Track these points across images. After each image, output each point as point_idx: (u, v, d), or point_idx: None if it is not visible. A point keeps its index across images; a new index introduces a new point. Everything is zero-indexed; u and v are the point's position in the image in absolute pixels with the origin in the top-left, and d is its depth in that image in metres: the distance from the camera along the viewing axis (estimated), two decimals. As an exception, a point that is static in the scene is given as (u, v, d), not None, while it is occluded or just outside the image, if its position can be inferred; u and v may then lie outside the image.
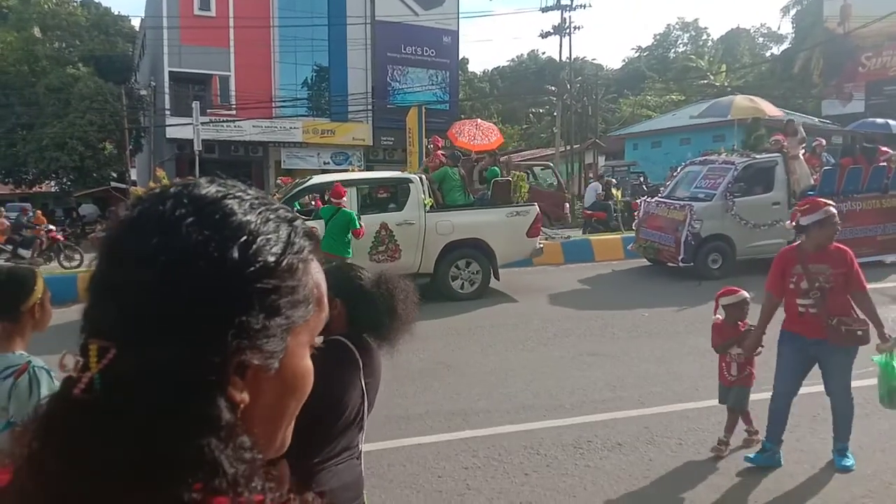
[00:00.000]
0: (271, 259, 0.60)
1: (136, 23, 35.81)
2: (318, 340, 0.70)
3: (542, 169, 20.38)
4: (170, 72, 26.23)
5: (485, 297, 9.82)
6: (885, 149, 12.42)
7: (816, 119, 31.32)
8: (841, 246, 4.38)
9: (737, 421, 4.64)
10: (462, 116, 41.59)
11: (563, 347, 7.18)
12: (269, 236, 0.61)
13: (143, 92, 28.33)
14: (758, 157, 11.37)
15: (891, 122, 18.42)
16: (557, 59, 29.92)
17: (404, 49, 29.50)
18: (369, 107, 28.57)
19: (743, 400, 4.59)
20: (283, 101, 27.61)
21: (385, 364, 2.22)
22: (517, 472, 4.29)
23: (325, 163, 27.55)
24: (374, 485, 3.95)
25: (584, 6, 27.34)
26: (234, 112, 26.62)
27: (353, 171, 12.32)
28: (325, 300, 0.69)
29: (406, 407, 5.42)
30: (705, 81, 43.03)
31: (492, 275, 9.96)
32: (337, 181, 9.30)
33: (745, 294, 4.63)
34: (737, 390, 4.57)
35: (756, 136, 16.90)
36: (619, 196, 18.82)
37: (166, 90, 26.28)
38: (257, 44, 26.44)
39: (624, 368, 6.34)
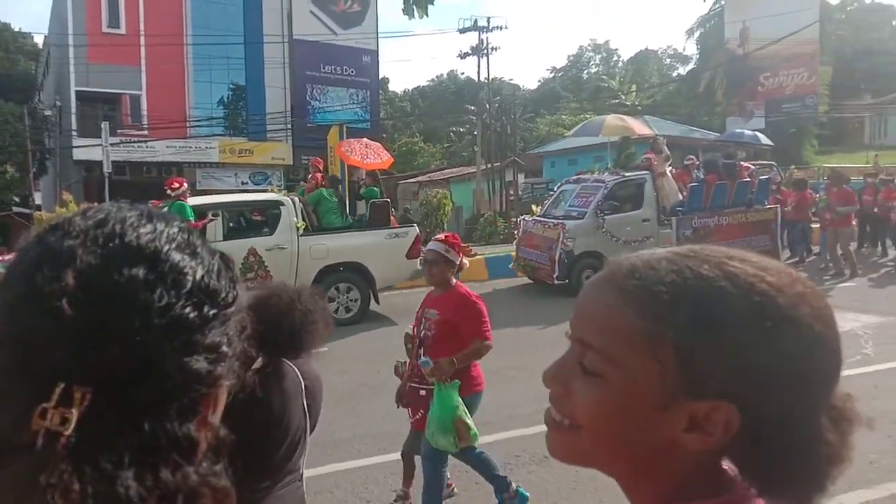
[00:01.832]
0: (231, 288, 0.63)
1: (39, 40, 34.25)
2: (259, 363, 0.73)
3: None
4: (76, 91, 25.11)
5: (367, 321, 9.55)
6: (745, 164, 13.22)
7: (721, 135, 33.02)
8: (465, 292, 3.82)
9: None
10: (384, 135, 41.68)
11: (485, 363, 7.22)
12: (223, 267, 0.64)
13: (48, 112, 27.05)
14: (627, 174, 11.69)
15: (759, 134, 19.58)
16: (476, 79, 30.44)
17: (323, 68, 29.31)
18: (289, 126, 28.20)
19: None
20: (198, 121, 26.88)
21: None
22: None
23: (242, 183, 26.95)
24: (301, 513, 3.84)
25: (501, 28, 27.99)
26: (145, 132, 25.71)
27: (272, 191, 12.05)
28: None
29: (332, 431, 5.31)
30: (617, 101, 44.67)
31: (371, 298, 9.72)
32: (174, 177, 9.17)
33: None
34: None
35: (626, 155, 17.67)
36: (537, 212, 19.30)
37: (73, 110, 25.13)
38: (170, 62, 25.68)
39: (548, 382, 6.44)
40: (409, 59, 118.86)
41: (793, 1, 29.62)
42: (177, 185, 8.66)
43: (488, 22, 27.90)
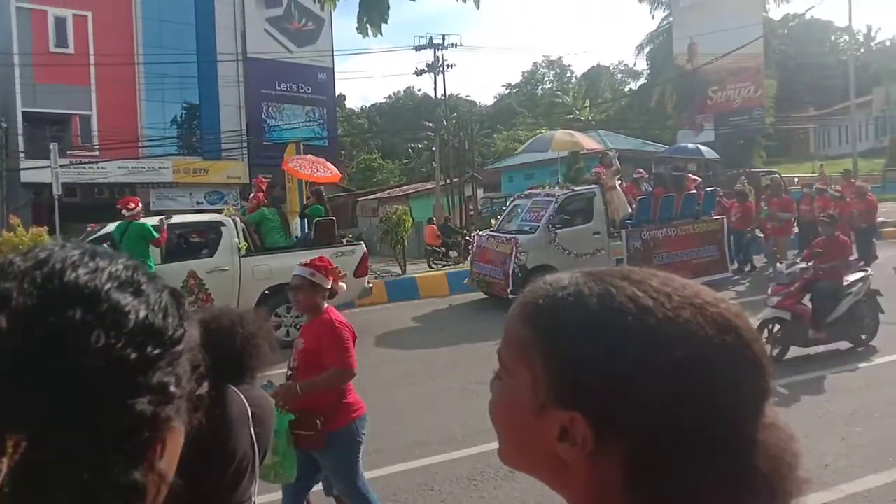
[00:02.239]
0: (179, 324, 0.61)
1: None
2: (205, 388, 0.68)
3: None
4: (23, 112, 24.45)
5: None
6: (693, 176, 13.50)
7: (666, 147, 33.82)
8: (329, 318, 3.52)
9: None
10: (342, 152, 41.57)
11: (448, 380, 7.22)
12: (170, 303, 0.62)
13: (-7, 133, 26.22)
14: (577, 189, 11.82)
15: (701, 146, 20.08)
16: (433, 95, 30.63)
17: (279, 86, 29.15)
18: (244, 144, 27.91)
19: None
20: (151, 141, 26.41)
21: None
22: (412, 511, 4.23)
23: (198, 202, 26.53)
24: (264, 539, 3.75)
25: (455, 45, 28.28)
26: (97, 153, 25.14)
27: (227, 210, 11.81)
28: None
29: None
30: (571, 116, 45.44)
31: None
32: (129, 197, 9.00)
33: None
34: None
35: (576, 169, 17.96)
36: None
37: (20, 131, 24.45)
38: (121, 81, 25.23)
39: (512, 396, 6.46)
40: (366, 76, 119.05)
41: (738, 17, 30.59)
42: (132, 204, 8.45)
43: (443, 39, 28.18)
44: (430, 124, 29.92)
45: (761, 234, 13.85)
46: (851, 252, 7.90)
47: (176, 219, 9.45)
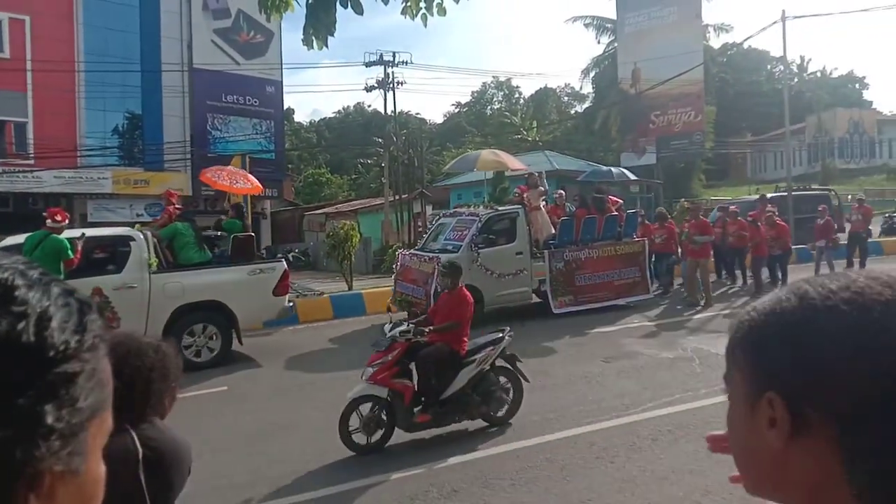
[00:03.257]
0: (72, 339, 0.50)
1: None
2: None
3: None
4: (-48, 117, 23.41)
5: (229, 362, 8.97)
6: (614, 198, 13.57)
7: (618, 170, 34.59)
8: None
9: None
10: (290, 166, 41.09)
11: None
12: (61, 313, 0.51)
13: (-82, 138, 24.96)
14: (500, 208, 11.84)
15: (614, 169, 20.63)
16: (383, 112, 30.63)
17: (225, 98, 28.69)
18: (188, 156, 27.31)
19: None
20: (91, 150, 25.59)
21: (217, 428, 2.01)
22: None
23: (138, 214, 25.74)
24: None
25: (406, 63, 28.41)
26: (31, 161, 24.21)
27: (139, 224, 11.16)
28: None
29: (230, 476, 5.08)
30: (519, 136, 46.11)
31: (234, 339, 9.09)
32: (58, 209, 8.34)
33: None
34: None
35: (501, 189, 18.10)
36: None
37: (-53, 137, 23.37)
38: (60, 88, 24.40)
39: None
40: (316, 90, 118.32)
41: (679, 45, 31.66)
42: (59, 217, 7.99)
43: (394, 56, 28.30)
44: (380, 140, 29.91)
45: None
46: (470, 310, 5.94)
47: (81, 232, 8.71)
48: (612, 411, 6.17)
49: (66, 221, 8.22)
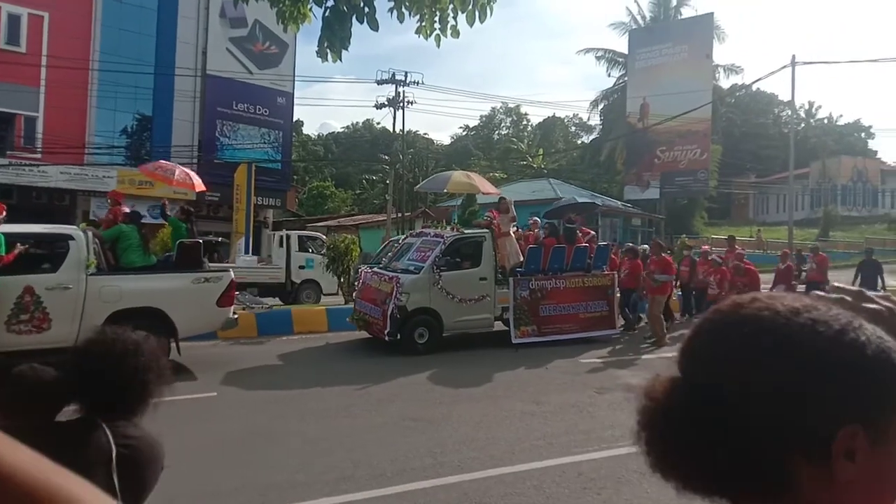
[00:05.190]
0: None
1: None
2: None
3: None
4: (-36, 107, 23.56)
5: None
6: (586, 230, 13.27)
7: (619, 202, 34.79)
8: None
9: None
10: (295, 177, 41.22)
11: (387, 413, 7.12)
12: None
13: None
14: (467, 231, 11.52)
15: (578, 197, 20.71)
16: (391, 130, 30.83)
17: (236, 105, 28.89)
18: (194, 160, 27.42)
19: None
20: (98, 148, 25.71)
21: (196, 434, 2.00)
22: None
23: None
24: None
25: (417, 83, 28.67)
26: (38, 155, 24.31)
27: (82, 224, 11.02)
28: None
29: (217, 482, 5.04)
30: (525, 163, 46.39)
31: (172, 348, 8.51)
32: None
33: None
34: None
35: (470, 212, 17.92)
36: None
37: (-43, 126, 23.51)
38: (73, 85, 24.58)
39: (444, 433, 6.40)
40: (326, 104, 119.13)
41: (689, 82, 31.96)
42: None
43: (405, 76, 28.56)
44: (387, 157, 30.04)
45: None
46: None
47: (18, 228, 8.40)
48: (602, 442, 6.14)
49: (3, 215, 7.91)
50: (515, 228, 12.11)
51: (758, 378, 0.64)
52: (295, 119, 37.02)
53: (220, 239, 23.42)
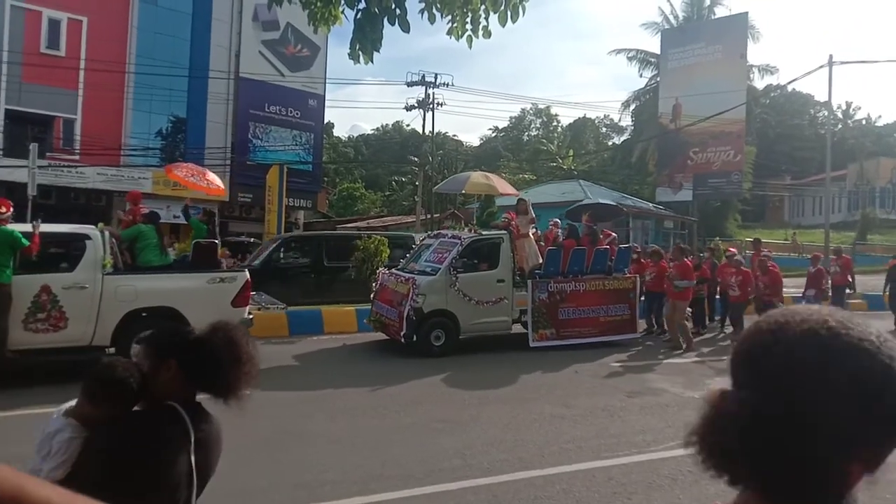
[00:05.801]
0: None
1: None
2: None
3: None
4: (7, 109, 24.20)
5: None
6: (608, 231, 13.04)
7: (651, 204, 34.38)
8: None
9: None
10: (325, 179, 41.55)
11: (415, 415, 7.13)
12: None
13: (-28, 129, 25.82)
14: (484, 233, 11.34)
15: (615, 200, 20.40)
16: (421, 131, 30.89)
17: (268, 108, 29.26)
18: (227, 162, 27.82)
19: None
20: (134, 150, 26.23)
21: (227, 432, 2.03)
22: (362, 547, 4.12)
23: (175, 216, 26.16)
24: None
25: (447, 85, 28.72)
26: (77, 157, 24.88)
27: (101, 224, 11.14)
28: None
29: (246, 480, 5.09)
30: (555, 164, 46.12)
31: None
32: (2, 199, 7.99)
33: None
34: None
35: (488, 213, 17.70)
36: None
37: (0, 129, 24.15)
38: (110, 88, 25.11)
39: (473, 435, 6.38)
40: (357, 106, 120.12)
41: (722, 82, 31.48)
42: (3, 209, 7.75)
43: (435, 78, 28.66)
44: (416, 159, 30.15)
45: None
46: None
47: (24, 228, 8.29)
48: (633, 447, 6.06)
49: (10, 212, 7.94)
50: (535, 230, 11.85)
51: (823, 392, 0.71)
52: (326, 121, 37.34)
53: (251, 240, 23.73)
